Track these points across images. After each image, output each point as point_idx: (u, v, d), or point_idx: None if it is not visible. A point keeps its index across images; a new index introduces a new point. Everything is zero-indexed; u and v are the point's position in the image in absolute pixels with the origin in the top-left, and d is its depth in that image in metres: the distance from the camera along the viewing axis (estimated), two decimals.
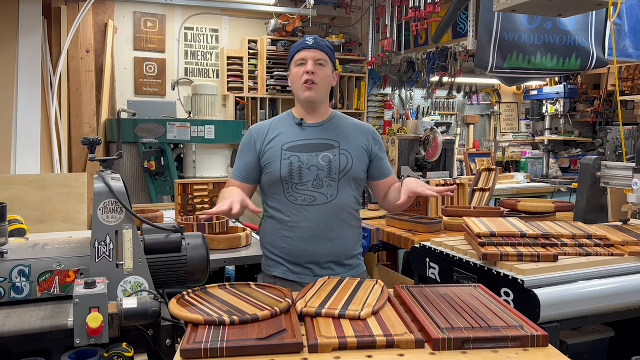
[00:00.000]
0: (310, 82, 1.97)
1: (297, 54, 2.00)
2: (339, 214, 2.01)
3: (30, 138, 4.18)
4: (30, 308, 1.43)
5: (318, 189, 1.98)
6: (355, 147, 2.05)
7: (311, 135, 2.03)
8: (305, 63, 1.98)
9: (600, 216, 2.73)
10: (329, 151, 2.00)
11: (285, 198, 2.00)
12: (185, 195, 2.88)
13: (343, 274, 2.00)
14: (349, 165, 2.01)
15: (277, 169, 1.98)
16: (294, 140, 2.02)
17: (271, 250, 2.07)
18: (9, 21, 4.27)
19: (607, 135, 2.72)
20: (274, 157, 2.00)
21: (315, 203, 1.98)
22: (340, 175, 2.00)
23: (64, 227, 3.08)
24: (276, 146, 2.01)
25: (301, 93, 2.00)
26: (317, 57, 1.98)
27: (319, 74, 1.98)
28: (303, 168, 1.97)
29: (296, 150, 1.99)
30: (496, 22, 3.93)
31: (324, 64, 2.00)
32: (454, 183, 1.81)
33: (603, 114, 6.53)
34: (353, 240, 2.08)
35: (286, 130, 2.05)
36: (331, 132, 2.05)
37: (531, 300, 1.81)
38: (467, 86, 6.80)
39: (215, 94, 4.70)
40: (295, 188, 1.98)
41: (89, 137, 1.63)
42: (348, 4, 5.62)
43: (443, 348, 1.28)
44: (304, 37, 2.08)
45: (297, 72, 2.00)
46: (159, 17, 5.21)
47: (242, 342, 1.25)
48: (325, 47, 2.02)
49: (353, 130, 2.09)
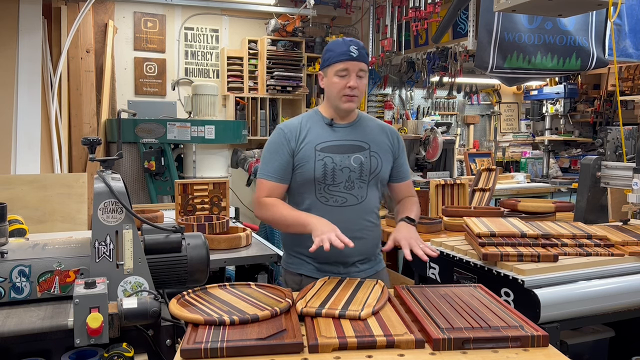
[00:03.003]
0: (352, 95, 1.96)
1: (340, 63, 1.94)
2: (366, 214, 2.03)
3: (30, 138, 4.17)
4: (30, 308, 1.43)
5: (349, 190, 1.99)
6: (383, 148, 2.07)
7: (342, 136, 2.03)
8: (347, 75, 1.94)
9: (600, 216, 2.73)
10: (360, 153, 2.01)
11: (317, 198, 1.99)
12: (185, 195, 2.88)
13: (367, 269, 2.05)
14: (379, 167, 2.03)
15: (310, 169, 1.97)
16: (326, 141, 2.01)
17: (296, 249, 2.06)
18: (9, 21, 4.26)
19: (607, 135, 2.72)
20: (307, 158, 1.98)
21: (346, 204, 1.99)
22: (370, 177, 2.02)
23: (64, 227, 3.08)
24: (309, 146, 1.99)
25: (340, 103, 1.98)
26: (359, 69, 1.95)
27: (359, 86, 1.96)
28: (336, 169, 1.97)
29: (329, 151, 1.99)
30: (496, 22, 3.93)
31: (363, 75, 1.98)
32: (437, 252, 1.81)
33: (603, 114, 6.52)
34: (376, 238, 2.10)
35: (317, 129, 2.03)
36: (360, 133, 2.05)
37: (531, 300, 1.81)
38: (467, 86, 6.80)
39: (215, 94, 4.70)
40: (328, 189, 1.98)
41: (89, 137, 1.63)
42: (348, 4, 5.62)
43: (443, 348, 1.28)
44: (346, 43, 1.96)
45: (338, 82, 1.96)
46: (159, 17, 5.21)
47: (242, 342, 1.25)
48: (366, 55, 2.00)
49: (379, 131, 2.10)
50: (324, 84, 2.04)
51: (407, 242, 1.84)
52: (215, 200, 2.93)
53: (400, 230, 1.94)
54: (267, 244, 2.73)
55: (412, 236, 1.89)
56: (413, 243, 1.84)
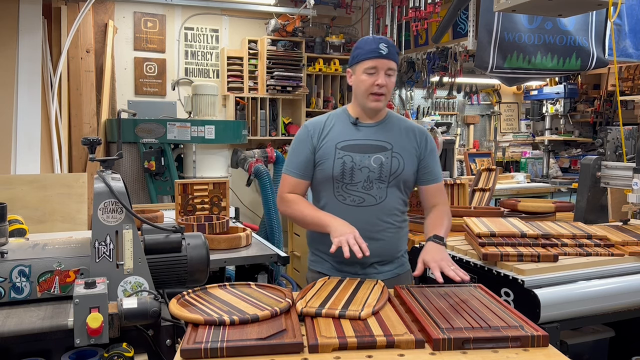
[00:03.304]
0: (380, 93, 1.94)
1: (369, 60, 1.93)
2: (385, 215, 2.00)
3: (30, 138, 4.17)
4: (30, 308, 1.43)
5: (367, 190, 1.97)
6: (407, 150, 2.02)
7: (365, 135, 2.00)
8: (375, 72, 1.93)
9: (600, 216, 2.73)
10: (381, 153, 1.98)
11: (334, 197, 1.99)
12: (185, 195, 2.88)
13: (387, 272, 2.02)
14: (400, 168, 1.99)
15: (329, 167, 1.97)
16: (348, 139, 1.99)
17: (318, 247, 2.07)
18: (9, 21, 4.26)
19: (607, 135, 2.72)
20: (327, 155, 1.98)
21: (364, 204, 1.97)
22: (390, 178, 1.98)
23: (64, 227, 3.08)
24: (330, 143, 1.99)
25: (367, 102, 1.97)
26: (388, 67, 1.93)
27: (388, 85, 1.94)
28: (355, 168, 1.96)
29: (350, 150, 1.97)
30: (496, 22, 3.93)
31: (392, 74, 1.95)
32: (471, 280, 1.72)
33: (603, 114, 6.52)
34: (397, 241, 2.05)
35: (341, 127, 2.02)
36: (385, 133, 2.02)
37: (531, 300, 1.81)
38: (467, 86, 6.80)
39: (215, 94, 4.70)
40: (346, 188, 1.98)
41: (89, 137, 1.63)
42: (348, 4, 5.62)
43: (443, 348, 1.28)
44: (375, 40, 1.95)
45: (366, 79, 1.94)
46: (159, 17, 5.21)
47: (242, 342, 1.25)
48: (396, 54, 1.96)
49: (406, 132, 2.05)
50: (351, 81, 2.02)
51: (438, 265, 1.76)
52: (215, 200, 2.93)
53: (429, 251, 1.86)
54: (267, 244, 2.72)
55: (442, 257, 1.80)
56: (444, 265, 1.75)
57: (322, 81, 5.64)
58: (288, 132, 5.56)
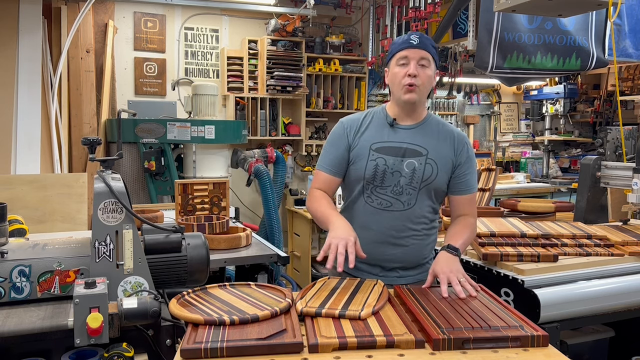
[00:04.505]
0: (412, 84, 1.87)
1: (400, 52, 1.89)
2: (412, 223, 1.94)
3: (30, 138, 4.17)
4: (30, 308, 1.43)
5: (397, 195, 1.92)
6: (443, 156, 1.94)
7: (401, 137, 1.94)
8: (407, 63, 1.87)
9: (600, 216, 2.73)
10: (415, 158, 1.91)
11: (362, 198, 1.95)
12: (185, 195, 2.88)
13: (408, 277, 1.96)
14: (432, 175, 1.92)
15: (362, 167, 1.93)
16: (383, 141, 1.94)
17: None
18: (9, 21, 4.26)
19: (607, 135, 2.72)
20: (361, 155, 1.94)
21: (391, 209, 1.92)
22: (421, 185, 1.92)
23: (64, 227, 3.08)
24: (365, 143, 1.95)
25: (401, 94, 1.90)
26: (420, 57, 1.87)
27: (421, 76, 1.87)
28: (387, 172, 1.91)
29: (384, 152, 1.92)
30: (496, 22, 3.93)
31: (426, 65, 1.88)
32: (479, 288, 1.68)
33: (603, 114, 6.52)
34: (422, 248, 1.98)
35: (377, 127, 1.97)
36: (422, 137, 1.94)
37: (531, 300, 1.81)
38: (467, 86, 6.79)
39: (215, 94, 4.70)
40: (375, 190, 1.93)
41: (89, 137, 1.63)
42: (348, 4, 5.62)
43: (443, 348, 1.28)
44: (408, 34, 1.92)
45: (398, 71, 1.89)
46: (159, 17, 5.21)
47: (242, 342, 1.25)
48: (430, 45, 1.90)
49: (445, 137, 1.96)
50: (388, 79, 1.98)
51: (446, 277, 1.68)
52: (215, 200, 2.93)
53: (439, 261, 1.77)
54: (267, 244, 2.73)
55: (451, 269, 1.71)
56: (452, 277, 1.67)
57: (322, 81, 5.64)
58: (288, 132, 5.56)
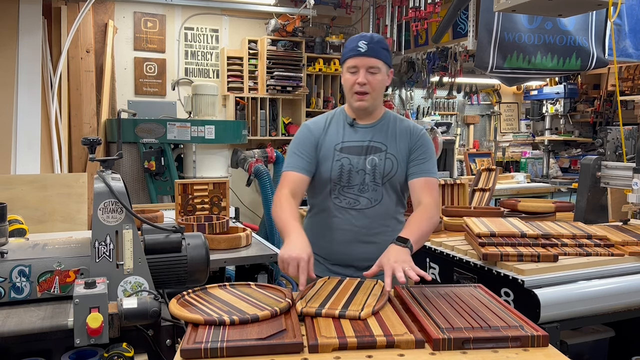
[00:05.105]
0: (362, 92, 1.89)
1: (349, 59, 1.90)
2: (381, 218, 1.97)
3: (30, 138, 4.17)
4: (30, 308, 1.43)
5: (363, 192, 1.95)
6: (401, 150, 1.98)
7: (362, 136, 1.98)
8: (356, 72, 1.89)
9: (600, 216, 2.73)
10: (376, 154, 1.95)
11: (330, 199, 1.97)
12: (185, 195, 2.87)
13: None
14: (393, 170, 1.95)
15: (328, 169, 1.95)
16: (345, 141, 1.97)
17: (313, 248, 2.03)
18: (9, 21, 4.26)
19: (607, 135, 2.72)
20: (326, 157, 1.96)
21: (359, 207, 1.95)
22: (383, 180, 1.95)
23: (64, 227, 3.08)
24: (329, 144, 1.98)
25: (353, 101, 1.94)
26: (369, 65, 1.88)
27: (371, 82, 1.89)
28: (352, 171, 1.94)
29: (347, 152, 1.95)
30: (496, 22, 3.93)
31: (376, 71, 1.89)
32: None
33: (603, 114, 6.53)
34: None
35: (338, 128, 2.01)
36: (381, 134, 1.98)
37: (531, 300, 1.81)
38: (467, 86, 6.80)
39: (215, 94, 4.70)
40: (342, 190, 1.95)
41: (89, 137, 1.63)
42: (348, 4, 5.62)
43: (443, 348, 1.28)
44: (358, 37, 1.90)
45: (348, 78, 1.92)
46: (159, 17, 5.21)
47: (242, 342, 1.25)
48: (380, 49, 1.89)
49: (402, 132, 2.00)
50: (342, 82, 1.99)
51: (391, 268, 1.58)
52: (215, 200, 2.93)
53: (387, 253, 1.68)
54: (267, 244, 2.72)
55: (397, 259, 1.61)
56: (397, 267, 1.57)
57: (322, 81, 5.64)
58: (288, 132, 5.56)
